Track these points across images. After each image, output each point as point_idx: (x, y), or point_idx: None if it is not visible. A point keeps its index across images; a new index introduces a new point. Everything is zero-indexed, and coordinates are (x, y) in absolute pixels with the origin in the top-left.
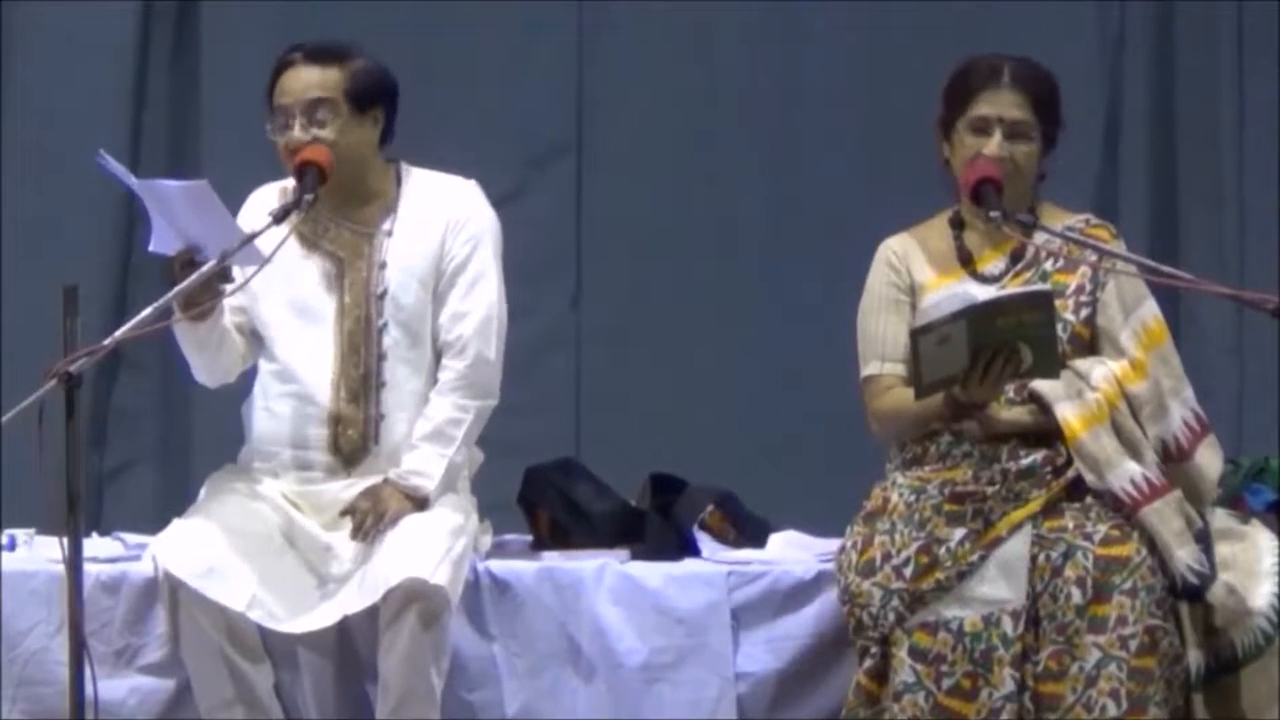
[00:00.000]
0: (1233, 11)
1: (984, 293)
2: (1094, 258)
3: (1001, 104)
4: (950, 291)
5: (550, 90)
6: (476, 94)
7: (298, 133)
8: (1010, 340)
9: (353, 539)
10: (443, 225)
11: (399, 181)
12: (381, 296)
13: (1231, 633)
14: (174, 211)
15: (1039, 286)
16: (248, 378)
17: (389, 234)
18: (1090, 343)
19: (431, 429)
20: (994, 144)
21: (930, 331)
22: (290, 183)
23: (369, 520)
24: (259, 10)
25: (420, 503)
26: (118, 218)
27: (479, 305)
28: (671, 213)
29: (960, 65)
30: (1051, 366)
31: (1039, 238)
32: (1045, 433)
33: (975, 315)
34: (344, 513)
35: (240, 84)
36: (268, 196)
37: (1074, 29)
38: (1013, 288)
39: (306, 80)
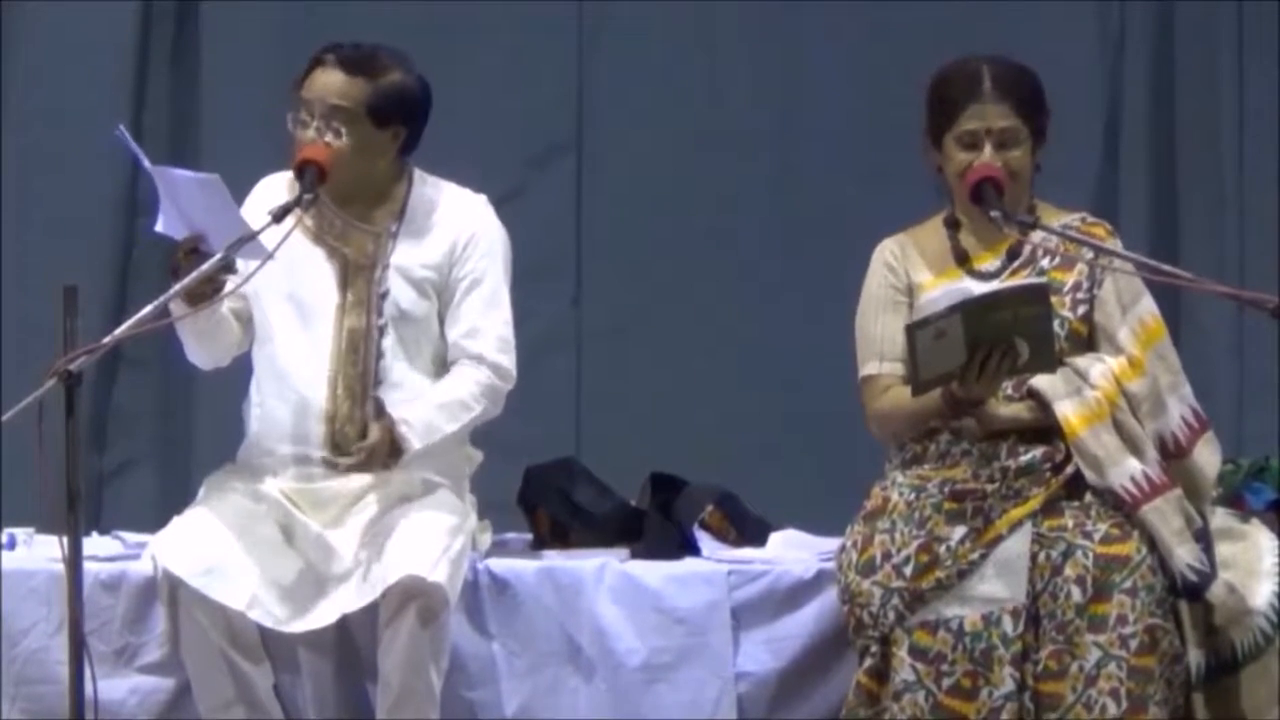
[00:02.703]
0: (1233, 11)
1: (981, 289)
2: (1092, 255)
3: (987, 116)
4: (948, 288)
5: (550, 90)
6: (476, 94)
7: (312, 133)
8: (1006, 334)
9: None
10: (453, 235)
11: (409, 185)
12: (383, 297)
13: (1231, 632)
14: (183, 200)
15: (1034, 280)
16: (245, 373)
17: (395, 236)
18: (1088, 340)
19: (448, 399)
20: (986, 157)
21: (926, 326)
22: None
23: (365, 456)
24: (259, 10)
25: (395, 454)
26: (118, 218)
27: (496, 322)
28: (671, 213)
29: (939, 74)
30: (1049, 361)
31: (1035, 236)
32: (1044, 429)
33: (970, 309)
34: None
35: (240, 84)
36: (276, 185)
37: (1074, 29)
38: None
39: (332, 85)
